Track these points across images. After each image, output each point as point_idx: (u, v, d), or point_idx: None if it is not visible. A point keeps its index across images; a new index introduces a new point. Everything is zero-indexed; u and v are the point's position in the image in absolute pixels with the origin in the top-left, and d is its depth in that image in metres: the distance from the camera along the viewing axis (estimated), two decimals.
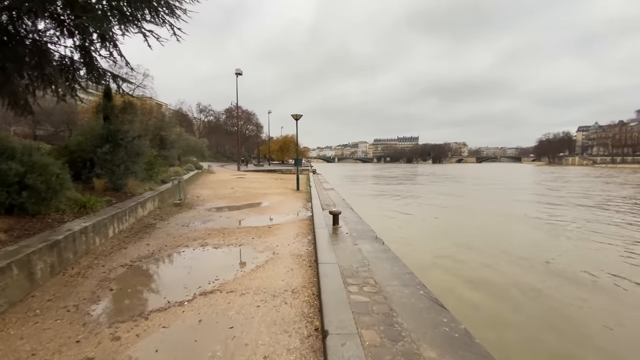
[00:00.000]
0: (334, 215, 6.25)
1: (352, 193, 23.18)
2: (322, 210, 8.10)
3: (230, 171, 29.49)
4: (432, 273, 7.00)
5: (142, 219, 7.35)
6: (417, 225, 12.64)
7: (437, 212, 15.83)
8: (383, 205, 17.96)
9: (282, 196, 12.09)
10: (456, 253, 8.66)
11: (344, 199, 10.91)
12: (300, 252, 4.91)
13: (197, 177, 19.32)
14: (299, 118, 14.86)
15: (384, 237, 6.41)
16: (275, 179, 21.69)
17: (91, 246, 4.83)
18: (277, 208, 9.31)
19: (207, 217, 7.89)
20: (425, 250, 8.88)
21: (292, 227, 6.66)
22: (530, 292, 6.28)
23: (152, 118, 17.98)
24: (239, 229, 6.46)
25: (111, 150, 7.81)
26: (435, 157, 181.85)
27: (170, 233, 6.13)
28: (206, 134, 63.23)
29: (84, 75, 7.98)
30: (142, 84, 31.19)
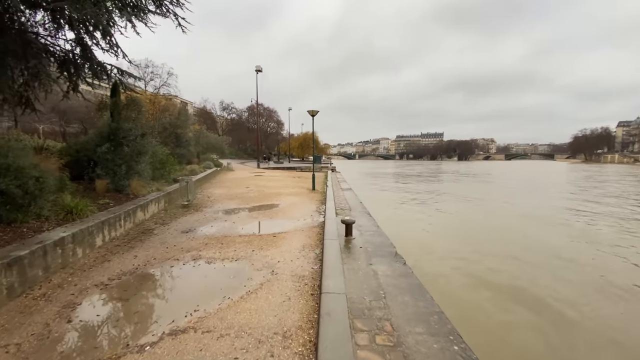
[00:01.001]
0: (347, 225, 5.42)
1: (371, 193, 22.13)
2: (335, 216, 7.28)
3: (249, 168, 29.25)
4: (468, 309, 5.54)
5: (142, 224, 6.87)
6: (442, 233, 11.34)
7: (465, 216, 14.53)
8: (403, 207, 16.82)
9: (296, 197, 11.38)
10: (494, 274, 7.20)
11: (361, 202, 10.03)
12: (303, 272, 4.13)
13: (214, 175, 19.07)
14: (315, 114, 14.06)
15: (405, 250, 5.51)
16: (292, 177, 21.08)
17: (70, 259, 4.30)
18: (288, 211, 8.59)
19: (210, 221, 7.30)
20: (456, 270, 7.42)
21: (300, 237, 5.89)
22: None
23: (168, 115, 17.82)
24: (240, 238, 5.78)
25: (112, 149, 7.39)
26: (460, 154, 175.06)
27: (165, 242, 5.56)
28: (229, 131, 63.89)
29: (88, 70, 7.64)
30: (166, 82, 31.61)
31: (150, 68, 30.02)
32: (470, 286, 6.62)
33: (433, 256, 8.28)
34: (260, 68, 30.99)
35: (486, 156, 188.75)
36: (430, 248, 8.98)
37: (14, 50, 4.92)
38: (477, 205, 17.53)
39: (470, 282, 6.85)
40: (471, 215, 14.77)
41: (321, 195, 12.20)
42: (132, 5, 7.80)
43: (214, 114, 64.32)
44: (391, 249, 4.89)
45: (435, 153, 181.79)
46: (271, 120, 66.32)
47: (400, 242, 5.76)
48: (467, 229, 12.08)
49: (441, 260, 8.04)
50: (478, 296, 6.15)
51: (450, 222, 13.16)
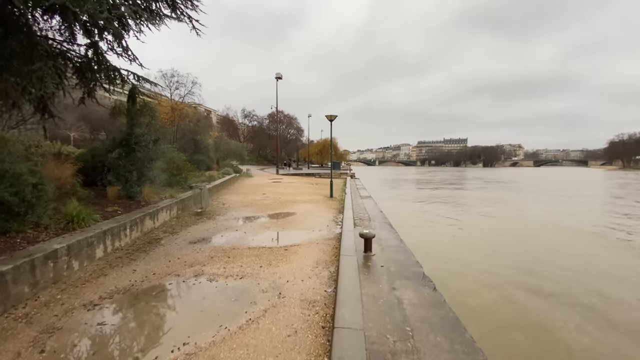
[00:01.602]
0: (366, 239, 4.82)
1: (392, 201, 21.24)
2: (353, 227, 6.69)
3: (268, 175, 29.17)
4: (522, 356, 4.35)
5: (151, 232, 6.58)
6: (477, 249, 9.97)
7: (502, 229, 13.39)
8: (428, 217, 15.86)
9: (313, 205, 10.87)
10: (557, 309, 5.64)
11: (381, 211, 9.36)
12: (314, 296, 3.57)
13: (232, 182, 18.96)
14: (334, 119, 13.58)
15: (433, 270, 4.85)
16: (310, 184, 20.65)
17: (64, 273, 3.98)
18: (302, 220, 8.08)
19: (221, 231, 6.91)
20: (501, 298, 6.11)
21: (314, 251, 5.35)
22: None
23: (188, 122, 17.97)
24: (249, 251, 5.32)
25: (124, 155, 7.21)
26: (486, 160, 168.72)
27: (170, 253, 5.19)
28: (250, 138, 64.91)
29: (102, 75, 7.58)
30: (190, 90, 32.40)
31: (176, 77, 30.82)
32: (523, 323, 5.16)
33: (468, 278, 7.07)
34: (280, 75, 31.08)
35: (513, 162, 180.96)
36: (463, 267, 7.88)
37: (21, 52, 4.79)
38: (513, 216, 16.26)
39: (523, 317, 5.34)
40: (509, 227, 13.46)
41: (339, 203, 11.63)
42: (144, 9, 7.72)
43: (235, 121, 65.61)
44: (417, 269, 4.24)
45: (459, 159, 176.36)
46: (291, 127, 66.68)
47: (428, 260, 5.10)
48: (509, 244, 10.61)
49: (479, 285, 6.78)
50: (534, 337, 4.70)
51: (485, 236, 11.91)
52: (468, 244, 10.34)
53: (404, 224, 10.90)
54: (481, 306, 5.66)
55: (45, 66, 4.76)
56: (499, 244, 10.57)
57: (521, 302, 5.93)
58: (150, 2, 7.64)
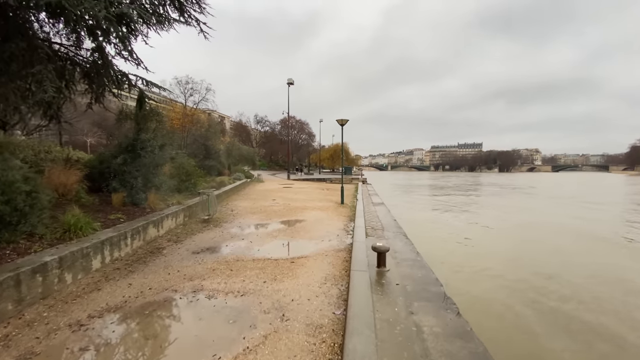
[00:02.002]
0: (380, 253, 4.40)
1: (406, 208, 20.60)
2: (365, 238, 6.27)
3: (279, 180, 29.00)
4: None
5: (154, 241, 6.34)
6: (503, 261, 9.08)
7: (528, 238, 12.65)
8: (446, 225, 15.21)
9: (323, 212, 10.49)
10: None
11: (395, 219, 8.89)
12: (321, 319, 3.18)
13: (243, 187, 18.80)
14: (345, 123, 13.22)
15: (455, 288, 4.38)
16: (321, 189, 20.29)
17: (54, 287, 3.73)
18: (311, 229, 7.71)
19: (226, 240, 6.62)
20: (541, 323, 5.29)
21: (322, 264, 4.96)
22: None
23: (199, 128, 17.98)
24: (253, 263, 4.98)
25: (130, 160, 7.05)
26: (502, 165, 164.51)
27: (170, 265, 4.90)
28: (262, 143, 65.35)
29: (109, 80, 7.49)
30: (204, 97, 32.81)
31: (190, 84, 31.28)
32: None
33: (496, 297, 6.31)
34: (292, 81, 31.06)
35: (530, 167, 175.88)
36: (488, 283, 7.17)
37: (20, 56, 4.66)
38: (538, 223, 15.42)
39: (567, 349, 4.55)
40: (535, 235, 12.70)
41: (350, 210, 11.20)
42: (152, 13, 7.61)
43: (248, 127, 66.26)
44: (437, 288, 3.79)
45: (474, 164, 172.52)
46: (302, 132, 66.78)
47: (448, 276, 4.63)
48: (540, 257, 9.56)
49: (510, 307, 5.90)
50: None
51: (510, 246, 11.15)
52: (491, 256, 9.59)
53: (419, 233, 10.32)
54: (516, 334, 5.02)
55: (45, 69, 4.60)
56: (525, 257, 9.75)
57: (561, 331, 5.23)
58: (157, 5, 7.57)
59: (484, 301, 6.08)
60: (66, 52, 7.06)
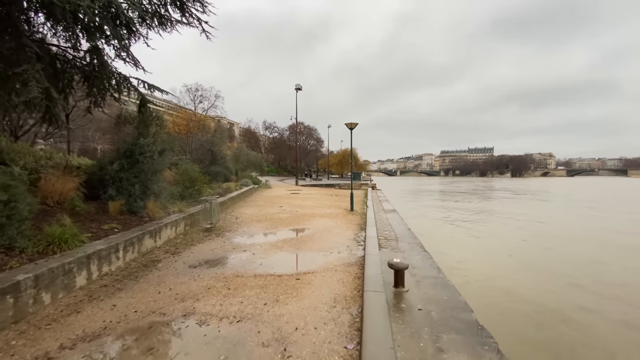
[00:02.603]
0: (397, 271, 3.84)
1: (419, 216, 19.84)
2: (378, 250, 5.71)
3: (287, 186, 28.60)
4: None
5: (150, 253, 5.91)
6: (535, 276, 8.32)
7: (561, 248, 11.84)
8: (465, 235, 14.44)
9: (331, 220, 9.95)
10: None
11: (409, 228, 8.28)
12: (331, 355, 2.64)
13: (250, 193, 18.43)
14: (354, 127, 12.73)
15: (488, 313, 3.78)
16: (329, 196, 19.77)
17: (29, 309, 3.30)
18: (320, 239, 7.18)
19: (228, 251, 6.15)
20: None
21: (331, 281, 4.43)
22: None
23: (205, 133, 17.74)
24: (255, 280, 4.47)
25: (127, 166, 6.69)
26: (514, 169, 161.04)
27: (163, 281, 4.44)
28: (270, 149, 65.39)
29: (107, 83, 7.20)
30: (214, 104, 32.85)
31: (200, 92, 31.39)
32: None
33: (539, 320, 5.53)
34: (300, 86, 30.84)
35: (544, 172, 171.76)
36: (521, 306, 6.24)
37: (8, 55, 4.34)
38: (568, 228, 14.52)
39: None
40: (568, 245, 11.82)
41: (360, 217, 10.64)
42: (154, 14, 7.33)
43: (257, 133, 66.45)
44: (468, 316, 3.21)
45: (485, 169, 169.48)
46: (311, 138, 66.59)
47: (476, 298, 4.03)
48: (578, 270, 8.74)
49: (553, 340, 5.06)
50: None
51: (542, 257, 10.33)
52: (520, 273, 8.76)
53: (437, 245, 9.64)
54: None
55: (32, 69, 4.26)
56: (559, 271, 8.87)
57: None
58: (159, 5, 7.28)
59: (524, 333, 5.27)
60: (63, 54, 6.83)
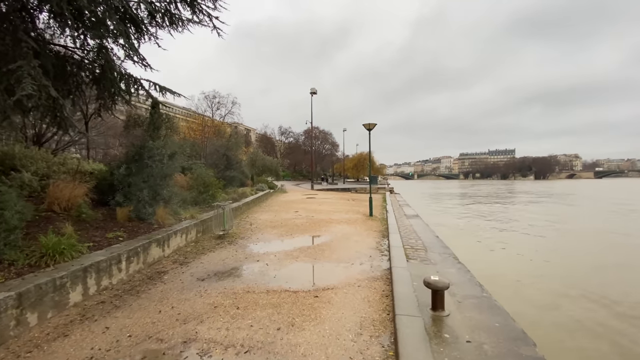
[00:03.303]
0: (436, 291, 3.20)
1: (444, 222, 18.80)
2: (406, 261, 5.06)
3: (303, 190, 28.20)
4: None
5: (157, 263, 5.50)
6: (580, 294, 7.15)
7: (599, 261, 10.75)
8: (500, 242, 13.43)
9: (350, 226, 9.34)
10: None
11: (437, 236, 7.54)
12: None
13: (265, 198, 18.10)
14: (372, 128, 12.10)
15: (551, 343, 3.09)
16: (346, 200, 19.14)
17: (11, 331, 2.89)
18: (338, 247, 6.59)
19: (240, 260, 5.66)
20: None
21: (355, 299, 3.82)
22: None
23: (220, 138, 17.58)
24: (268, 296, 3.94)
25: (135, 171, 6.36)
26: (537, 172, 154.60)
27: (166, 297, 3.98)
28: (286, 154, 65.53)
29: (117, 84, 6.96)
30: (231, 110, 33.06)
31: (217, 99, 31.70)
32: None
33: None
34: (315, 90, 30.53)
35: (570, 174, 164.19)
36: (592, 335, 5.35)
37: (3, 52, 4.06)
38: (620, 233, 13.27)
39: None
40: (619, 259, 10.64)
41: (381, 223, 9.97)
42: (165, 13, 7.06)
43: (273, 138, 66.80)
44: (530, 351, 2.53)
45: (507, 171, 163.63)
46: (326, 142, 66.20)
47: (534, 324, 3.32)
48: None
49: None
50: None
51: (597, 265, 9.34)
52: (575, 289, 7.57)
53: (471, 255, 8.71)
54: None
55: (28, 65, 3.95)
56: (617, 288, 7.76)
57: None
58: (169, 3, 7.01)
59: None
60: (71, 55, 6.63)
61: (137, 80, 7.35)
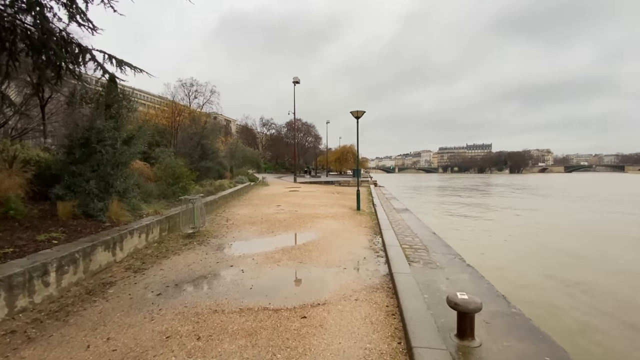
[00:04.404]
0: (464, 314, 2.41)
1: (435, 215, 18.30)
2: (408, 266, 4.28)
3: (285, 183, 27.16)
4: None
5: (106, 270, 4.45)
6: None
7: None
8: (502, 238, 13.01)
9: (337, 221, 8.53)
10: None
11: (433, 232, 6.86)
12: None
13: (245, 191, 16.99)
14: (361, 115, 11.27)
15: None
16: (331, 193, 18.37)
17: None
18: (327, 247, 5.75)
19: (209, 266, 4.70)
20: None
21: (354, 320, 3.00)
22: None
23: (194, 125, 16.20)
24: (241, 317, 3.04)
25: (81, 158, 5.21)
26: (512, 166, 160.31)
27: (103, 323, 2.99)
28: (268, 146, 63.82)
29: (54, 50, 5.70)
30: (209, 99, 31.19)
31: (195, 87, 29.82)
32: None
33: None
34: (298, 80, 29.36)
35: (542, 168, 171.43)
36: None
37: None
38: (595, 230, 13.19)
39: None
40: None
41: (370, 218, 9.23)
42: None
43: (254, 130, 64.78)
44: None
45: (483, 165, 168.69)
46: (309, 135, 65.01)
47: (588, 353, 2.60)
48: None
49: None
50: None
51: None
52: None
53: (476, 254, 7.98)
54: None
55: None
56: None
57: None
58: None
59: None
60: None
61: (86, 50, 6.12)
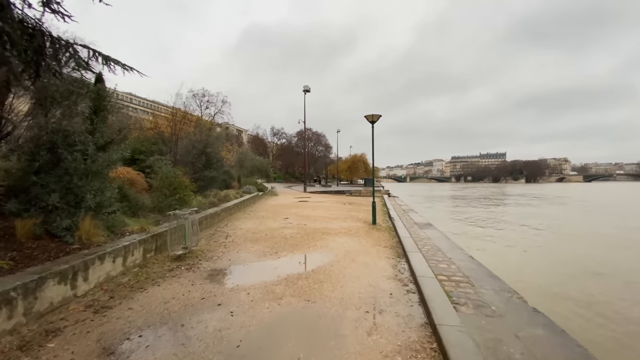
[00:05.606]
0: None
1: (457, 228, 16.88)
2: (455, 313, 3.14)
3: (295, 193, 26.22)
4: None
5: (62, 307, 3.48)
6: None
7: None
8: (555, 261, 11.63)
9: (352, 238, 7.41)
10: None
11: (470, 256, 5.65)
12: None
13: (252, 202, 16.09)
14: (377, 120, 10.23)
15: None
16: (342, 204, 17.28)
17: None
18: (340, 276, 4.65)
19: (191, 305, 3.66)
20: None
21: None
22: None
23: (198, 133, 15.45)
24: None
25: (44, 166, 4.32)
26: (528, 175, 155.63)
27: None
28: (278, 155, 63.53)
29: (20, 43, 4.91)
30: (220, 109, 30.92)
31: (207, 97, 29.74)
32: None
33: None
34: (309, 88, 28.75)
35: (560, 178, 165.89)
36: None
37: None
38: None
39: None
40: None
41: (389, 234, 8.07)
42: None
43: (265, 139, 64.73)
44: None
45: (498, 175, 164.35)
46: (319, 144, 64.37)
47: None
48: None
49: None
50: None
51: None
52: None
53: (535, 289, 6.60)
54: None
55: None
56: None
57: None
58: None
59: None
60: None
61: (67, 44, 5.33)
